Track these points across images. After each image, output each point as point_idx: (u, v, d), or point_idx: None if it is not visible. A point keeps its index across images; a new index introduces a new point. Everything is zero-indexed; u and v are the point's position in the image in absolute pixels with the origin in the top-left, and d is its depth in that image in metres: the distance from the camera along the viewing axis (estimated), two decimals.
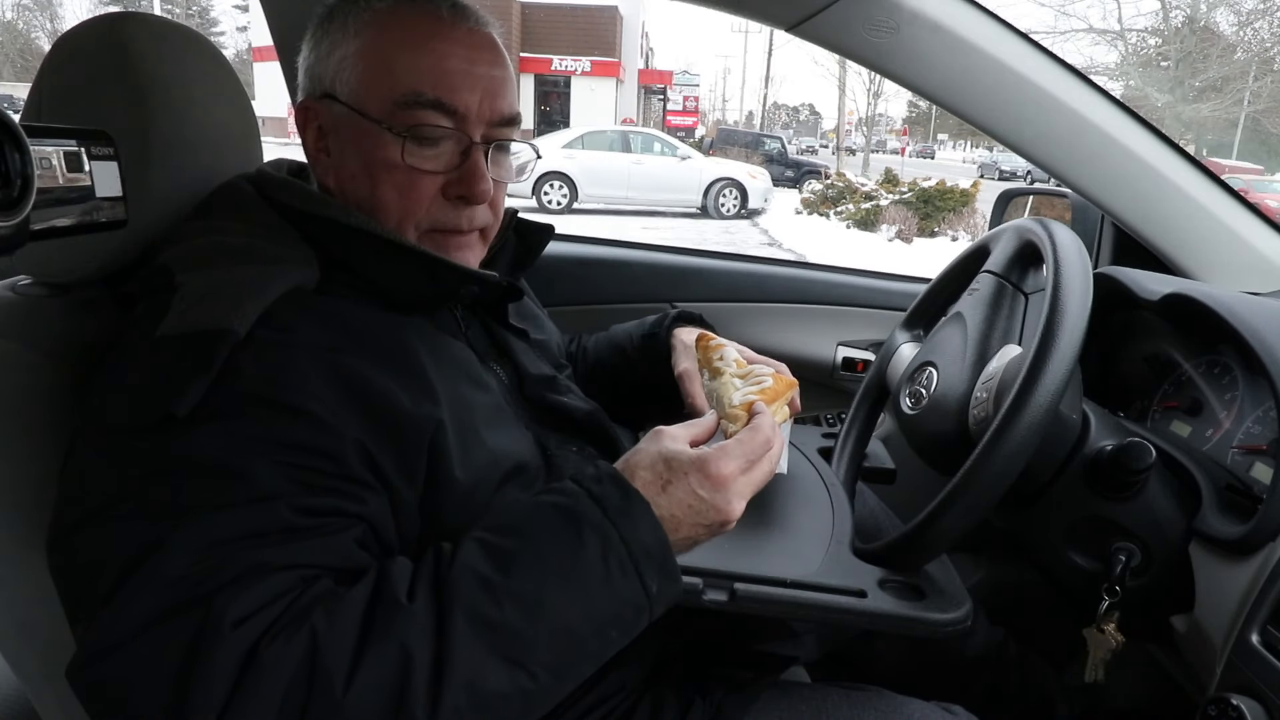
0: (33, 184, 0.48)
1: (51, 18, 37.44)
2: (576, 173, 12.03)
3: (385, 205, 0.71)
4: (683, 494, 0.60)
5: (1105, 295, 1.00)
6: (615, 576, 0.56)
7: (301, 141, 0.76)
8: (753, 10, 1.12)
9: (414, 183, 0.71)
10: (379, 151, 0.70)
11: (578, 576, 0.55)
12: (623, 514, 0.58)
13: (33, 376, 0.69)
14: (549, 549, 0.56)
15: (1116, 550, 0.80)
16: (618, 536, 0.57)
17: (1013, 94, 1.06)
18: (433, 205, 0.72)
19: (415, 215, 0.72)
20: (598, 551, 0.56)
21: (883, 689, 0.82)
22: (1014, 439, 0.66)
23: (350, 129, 0.71)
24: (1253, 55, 21.40)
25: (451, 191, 0.72)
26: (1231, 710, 0.69)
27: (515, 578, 0.54)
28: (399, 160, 0.69)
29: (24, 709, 1.01)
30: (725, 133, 21.79)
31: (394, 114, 0.69)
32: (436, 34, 0.70)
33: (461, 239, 0.75)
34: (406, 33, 0.70)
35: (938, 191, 11.44)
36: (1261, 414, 0.86)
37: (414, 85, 0.69)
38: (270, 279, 0.63)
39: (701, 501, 0.60)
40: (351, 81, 0.71)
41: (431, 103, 0.69)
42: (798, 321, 1.51)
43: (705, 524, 0.61)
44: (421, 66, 0.69)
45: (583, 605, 0.55)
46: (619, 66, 24.71)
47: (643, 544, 0.57)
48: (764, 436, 0.65)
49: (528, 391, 0.82)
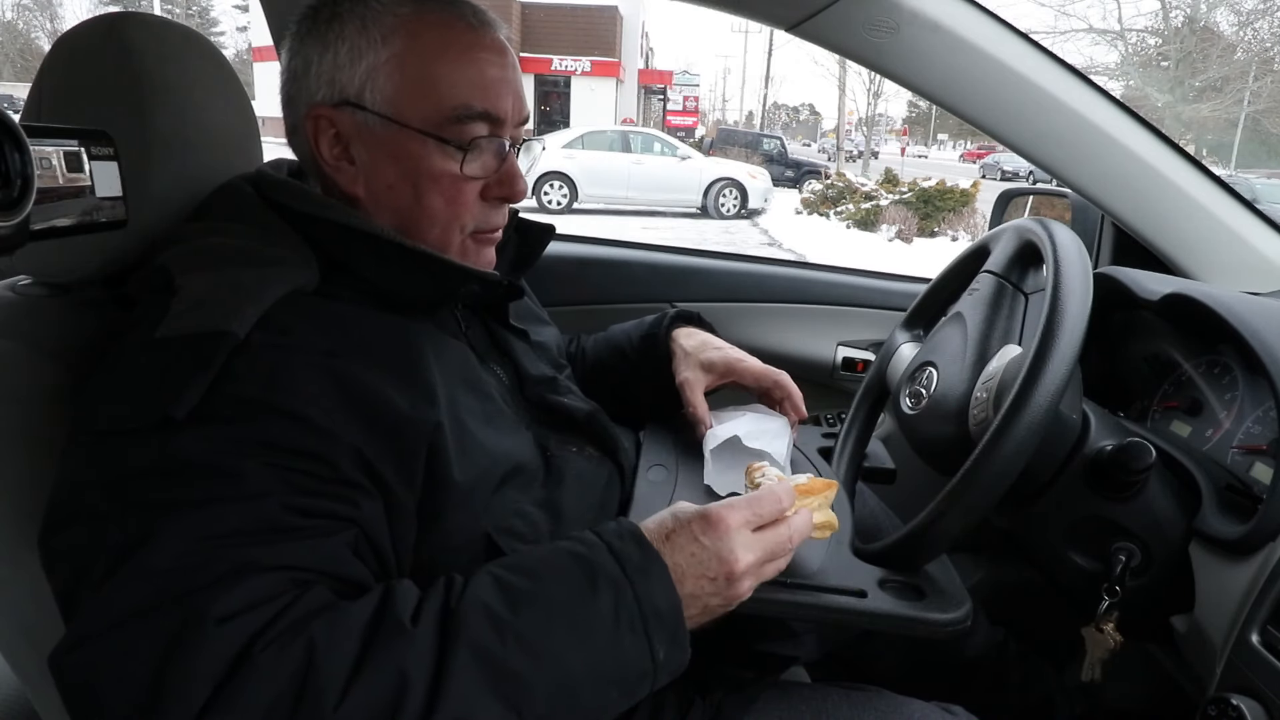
0: (33, 184, 0.48)
1: (51, 18, 37.47)
2: (576, 173, 12.02)
3: (433, 213, 0.72)
4: (684, 541, 0.60)
5: (1105, 295, 1.00)
6: (624, 633, 0.55)
7: (296, 146, 0.75)
8: (753, 10, 1.12)
9: (460, 190, 0.72)
10: (425, 162, 0.70)
11: (587, 627, 0.54)
12: (640, 572, 0.57)
13: (33, 376, 0.69)
14: (562, 595, 0.55)
15: (1116, 550, 0.80)
16: (632, 595, 0.56)
17: (1013, 94, 1.06)
18: (475, 208, 0.74)
19: (461, 220, 0.74)
20: (610, 605, 0.55)
21: (883, 689, 0.82)
22: (1014, 439, 0.66)
23: (384, 139, 0.70)
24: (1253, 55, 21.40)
25: (492, 193, 0.75)
26: (1231, 710, 0.69)
27: (524, 618, 0.53)
28: (455, 171, 0.71)
29: (24, 709, 1.01)
30: (725, 133, 21.79)
31: (445, 127, 0.70)
32: (475, 43, 0.71)
33: (493, 235, 0.78)
34: (445, 43, 0.70)
35: (938, 191, 11.44)
36: (1261, 414, 0.86)
37: (465, 99, 0.70)
38: (269, 281, 0.63)
39: (703, 549, 0.59)
40: (388, 91, 0.70)
41: (480, 114, 0.71)
42: (798, 321, 1.51)
43: (710, 577, 0.59)
44: (468, 79, 0.70)
45: (587, 657, 0.54)
46: (619, 66, 24.71)
47: (655, 605, 0.57)
48: (774, 496, 0.63)
49: (528, 392, 0.82)
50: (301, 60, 0.72)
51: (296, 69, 0.72)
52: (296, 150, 0.77)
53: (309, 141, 0.72)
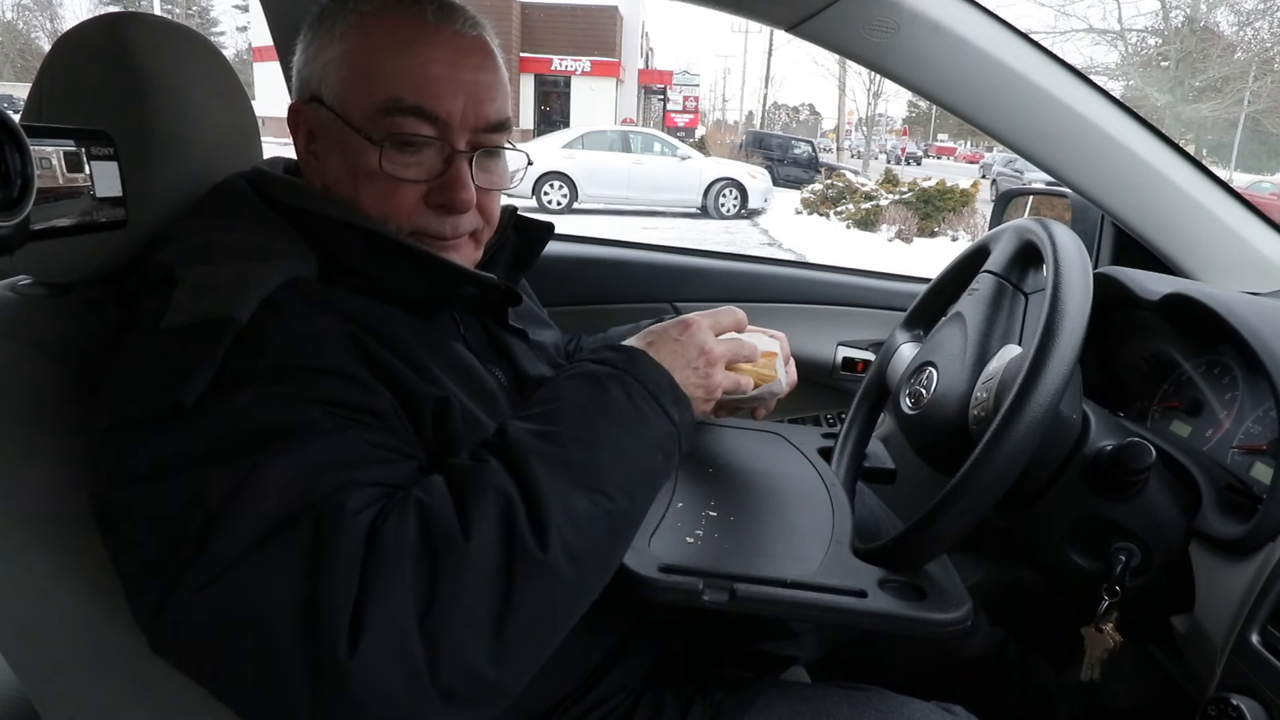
0: (33, 184, 0.48)
1: (51, 18, 37.44)
2: (576, 173, 12.03)
3: (366, 210, 0.71)
4: (665, 342, 0.70)
5: (1105, 295, 1.00)
6: (644, 409, 0.63)
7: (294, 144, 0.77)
8: (753, 10, 1.12)
9: (394, 190, 0.70)
10: (360, 158, 0.70)
11: (613, 412, 0.62)
12: (629, 362, 0.65)
13: (33, 376, 0.69)
14: (581, 400, 0.63)
15: (1116, 550, 0.80)
16: (633, 379, 0.64)
17: (1013, 94, 1.06)
18: (414, 212, 0.72)
19: (396, 221, 0.71)
20: (621, 393, 0.63)
21: (883, 689, 0.82)
22: (1014, 439, 0.66)
23: (334, 134, 0.71)
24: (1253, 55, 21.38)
25: (433, 199, 0.72)
26: (1231, 710, 0.69)
27: (563, 425, 0.61)
28: (378, 169, 0.69)
29: (24, 709, 1.01)
30: (755, 135, 20.95)
31: (374, 120, 0.69)
32: (419, 38, 0.69)
33: (445, 243, 0.74)
34: (389, 36, 0.69)
35: (938, 191, 11.44)
36: (1261, 414, 0.86)
37: (394, 91, 0.68)
38: (271, 270, 0.63)
39: (682, 345, 0.70)
40: (335, 86, 0.70)
41: (411, 109, 0.68)
42: (798, 321, 1.51)
43: (693, 366, 0.69)
44: (401, 71, 0.68)
45: (629, 436, 0.62)
46: (619, 66, 24.71)
47: (654, 380, 0.65)
48: (730, 310, 0.75)
49: (526, 394, 0.82)
50: (295, 61, 0.76)
51: (296, 64, 0.76)
52: None
53: (293, 135, 0.75)
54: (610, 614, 0.77)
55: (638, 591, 0.69)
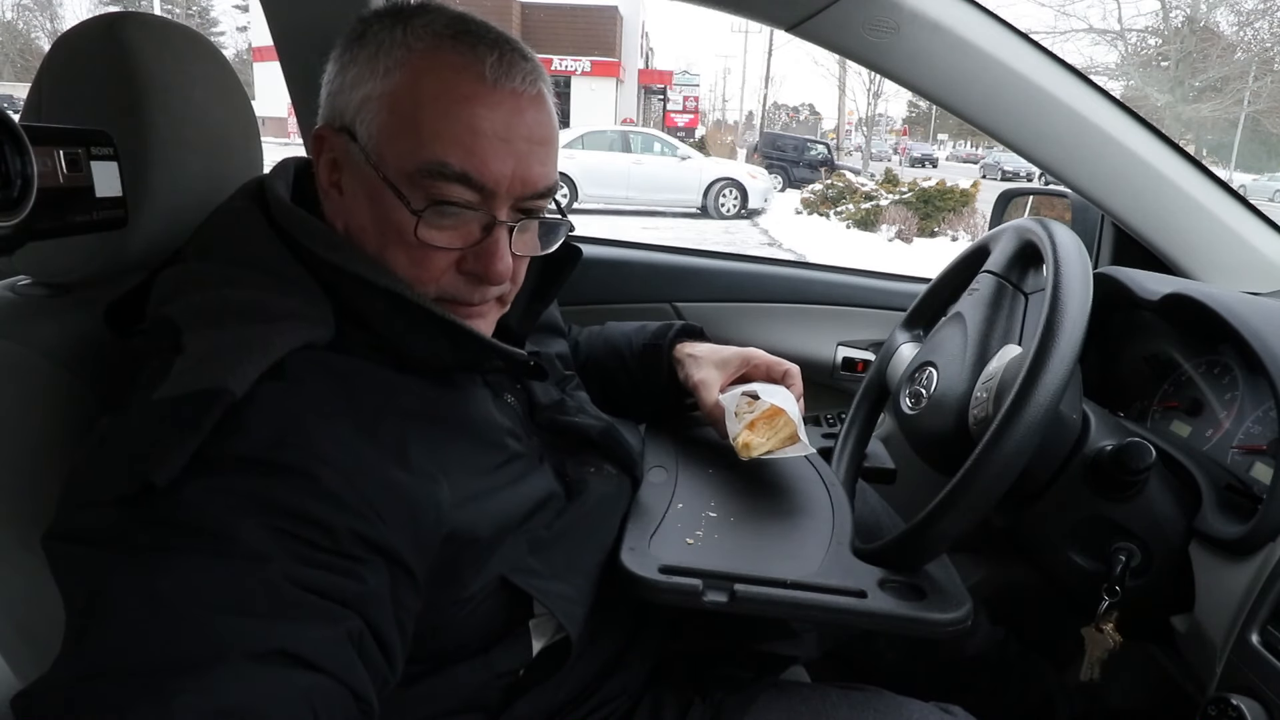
0: (33, 184, 0.48)
1: (51, 18, 37.45)
2: (576, 173, 12.02)
3: (393, 269, 0.65)
4: None
5: (1105, 295, 1.00)
6: None
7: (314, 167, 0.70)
8: (753, 10, 1.12)
9: (426, 256, 0.65)
10: (393, 214, 0.63)
11: None
12: None
13: (32, 377, 0.69)
14: None
15: (1116, 550, 0.80)
16: None
17: (1013, 94, 1.06)
18: (444, 277, 0.66)
19: (423, 285, 0.66)
20: None
21: (882, 689, 0.82)
22: (1014, 439, 0.66)
23: (365, 179, 0.64)
24: (1253, 55, 21.38)
25: (466, 266, 0.66)
26: (1231, 710, 0.69)
27: None
28: (412, 235, 0.63)
29: None
30: (770, 137, 20.07)
31: (413, 180, 0.62)
32: (474, 96, 0.62)
33: (471, 310, 0.69)
34: (440, 88, 0.62)
35: (938, 191, 11.44)
36: (1261, 414, 0.86)
37: (439, 155, 0.61)
38: (277, 335, 0.58)
39: None
40: (373, 128, 0.63)
41: (457, 176, 0.62)
42: (798, 321, 1.51)
43: None
44: (450, 134, 0.62)
45: None
46: (619, 66, 24.71)
47: None
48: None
49: (538, 418, 0.80)
50: (329, 74, 0.68)
51: (329, 80, 0.69)
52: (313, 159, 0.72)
53: (314, 159, 0.69)
54: (612, 620, 0.77)
55: (638, 592, 0.69)
